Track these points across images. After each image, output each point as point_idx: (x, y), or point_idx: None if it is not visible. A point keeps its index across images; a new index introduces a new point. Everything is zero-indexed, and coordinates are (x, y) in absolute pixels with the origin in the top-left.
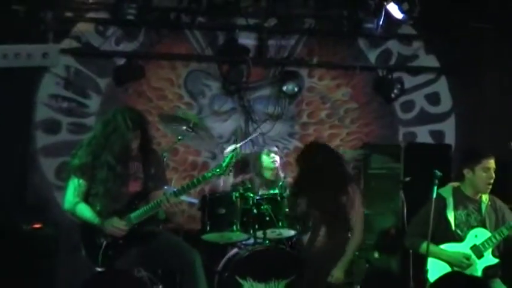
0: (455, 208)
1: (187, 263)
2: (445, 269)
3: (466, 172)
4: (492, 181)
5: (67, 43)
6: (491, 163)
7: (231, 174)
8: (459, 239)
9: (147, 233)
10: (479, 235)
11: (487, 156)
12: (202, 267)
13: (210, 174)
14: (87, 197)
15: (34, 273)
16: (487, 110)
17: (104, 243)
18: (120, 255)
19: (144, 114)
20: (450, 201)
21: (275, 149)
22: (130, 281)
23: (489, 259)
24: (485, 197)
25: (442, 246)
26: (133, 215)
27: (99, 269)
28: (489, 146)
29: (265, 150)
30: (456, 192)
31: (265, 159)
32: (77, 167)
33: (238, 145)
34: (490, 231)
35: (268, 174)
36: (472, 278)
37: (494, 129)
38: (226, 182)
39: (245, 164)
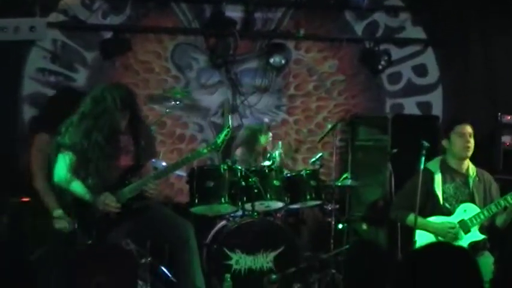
0: (443, 182)
1: (181, 236)
2: (433, 240)
3: (445, 143)
4: (470, 145)
5: (54, 17)
6: (466, 128)
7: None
8: (448, 212)
9: (140, 207)
10: (468, 210)
11: (460, 122)
12: (195, 240)
13: (205, 151)
14: (78, 173)
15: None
16: (474, 81)
17: (98, 216)
18: (113, 229)
19: (132, 91)
20: (438, 175)
21: (266, 120)
22: (120, 254)
23: (475, 235)
24: (472, 171)
25: (430, 219)
26: (126, 189)
27: (89, 242)
28: (476, 116)
29: (264, 128)
30: (443, 166)
31: (263, 139)
32: (67, 145)
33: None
34: (479, 207)
35: (259, 150)
36: (456, 248)
37: (481, 100)
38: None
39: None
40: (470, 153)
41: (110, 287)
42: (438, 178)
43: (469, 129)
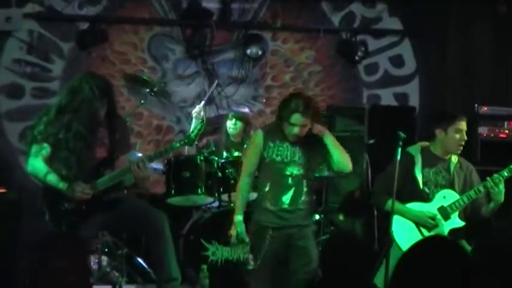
0: (424, 166)
1: (155, 227)
2: (411, 230)
3: (438, 132)
4: (463, 143)
5: (30, 7)
6: (464, 125)
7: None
8: (427, 198)
9: (112, 199)
10: (447, 196)
11: (460, 118)
12: (169, 230)
13: (178, 145)
14: (53, 163)
15: None
16: (451, 71)
17: (68, 208)
18: (84, 221)
19: (109, 80)
20: (418, 159)
21: (246, 109)
22: (73, 241)
23: (455, 222)
24: (454, 158)
25: (409, 205)
26: (99, 181)
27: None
28: (453, 107)
29: (230, 114)
30: (424, 151)
31: (228, 123)
32: (43, 137)
33: (201, 104)
34: (459, 194)
35: (232, 137)
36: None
37: (458, 91)
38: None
39: (213, 128)
40: (460, 150)
41: (67, 271)
42: (419, 162)
43: (465, 126)
